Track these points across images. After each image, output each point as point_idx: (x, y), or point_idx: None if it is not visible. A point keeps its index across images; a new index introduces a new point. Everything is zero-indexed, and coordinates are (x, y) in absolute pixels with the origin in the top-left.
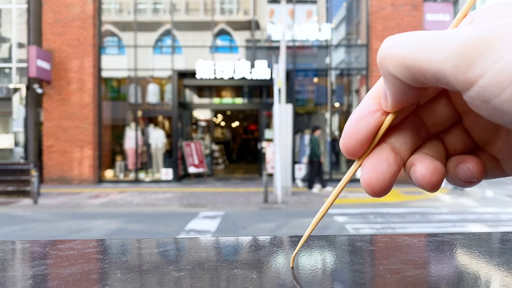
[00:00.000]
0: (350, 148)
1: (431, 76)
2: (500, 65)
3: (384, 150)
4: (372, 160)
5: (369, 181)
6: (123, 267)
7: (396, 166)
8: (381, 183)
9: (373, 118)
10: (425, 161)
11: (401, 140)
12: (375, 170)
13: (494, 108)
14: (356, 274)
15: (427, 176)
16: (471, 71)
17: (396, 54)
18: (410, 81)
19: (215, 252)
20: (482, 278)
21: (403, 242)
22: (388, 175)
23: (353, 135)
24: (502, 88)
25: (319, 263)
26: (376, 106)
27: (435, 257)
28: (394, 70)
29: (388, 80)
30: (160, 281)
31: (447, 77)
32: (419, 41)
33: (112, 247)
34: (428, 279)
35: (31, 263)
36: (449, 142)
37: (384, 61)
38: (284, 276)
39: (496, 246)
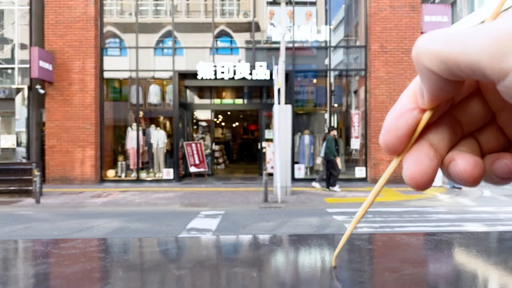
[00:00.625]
0: (391, 145)
1: (466, 67)
2: None
3: (423, 146)
4: (414, 155)
5: (413, 175)
6: (124, 266)
7: (437, 160)
8: (424, 176)
9: (411, 116)
10: (465, 156)
11: (438, 137)
12: (418, 164)
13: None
14: (355, 272)
15: (469, 170)
16: (507, 61)
17: (431, 49)
18: (446, 74)
19: (216, 251)
20: (479, 276)
21: (402, 241)
22: (431, 169)
23: (393, 132)
24: None
25: (318, 261)
26: (413, 104)
27: (433, 256)
28: (430, 65)
29: (424, 75)
30: (161, 279)
31: (483, 67)
32: (453, 34)
33: (113, 246)
34: (426, 278)
35: (34, 262)
36: (483, 141)
37: (420, 56)
38: (284, 274)
39: (494, 245)
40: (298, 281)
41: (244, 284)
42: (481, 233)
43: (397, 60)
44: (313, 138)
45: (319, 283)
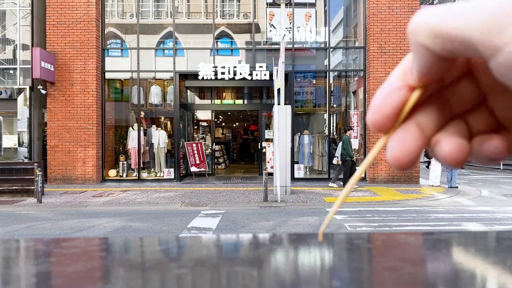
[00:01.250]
0: (379, 123)
1: (459, 42)
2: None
3: (410, 126)
4: (399, 135)
5: (396, 155)
6: (125, 265)
7: (422, 141)
8: (407, 157)
9: (399, 94)
10: (450, 138)
11: (426, 117)
12: (402, 145)
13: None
14: (354, 271)
15: (454, 153)
16: (499, 36)
17: (427, 22)
18: (439, 49)
19: (216, 250)
20: (478, 275)
21: (400, 240)
22: (415, 150)
23: (381, 109)
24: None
25: (317, 260)
26: (402, 82)
27: (431, 255)
28: (423, 38)
29: (417, 49)
30: (162, 278)
31: (475, 43)
32: (450, 9)
33: (115, 245)
34: (425, 277)
35: (35, 261)
36: (473, 122)
37: (416, 29)
38: (283, 273)
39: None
40: (297, 280)
41: (245, 283)
42: (480, 233)
43: (396, 61)
44: (312, 138)
45: (319, 282)
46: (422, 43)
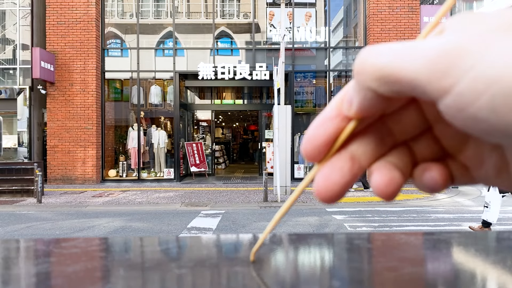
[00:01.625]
0: (310, 153)
1: (406, 84)
2: (474, 71)
3: (341, 159)
4: (326, 169)
5: (320, 190)
6: (125, 265)
7: (350, 176)
8: (329, 193)
9: (332, 124)
10: (382, 171)
11: (362, 148)
12: (326, 179)
13: (470, 116)
14: (354, 271)
15: (381, 186)
16: (446, 78)
17: (373, 63)
18: (385, 91)
19: (216, 250)
20: (478, 276)
21: (400, 240)
22: (339, 186)
23: (312, 140)
24: (477, 96)
25: (317, 260)
26: (336, 111)
27: (431, 255)
28: (370, 80)
29: (360, 89)
30: (162, 278)
31: (422, 85)
32: (396, 50)
33: (115, 245)
34: (425, 277)
35: (35, 261)
36: (418, 150)
37: (362, 70)
38: (283, 273)
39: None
40: (297, 280)
41: (245, 283)
42: (480, 233)
43: None
44: None
45: (319, 282)
46: (367, 84)
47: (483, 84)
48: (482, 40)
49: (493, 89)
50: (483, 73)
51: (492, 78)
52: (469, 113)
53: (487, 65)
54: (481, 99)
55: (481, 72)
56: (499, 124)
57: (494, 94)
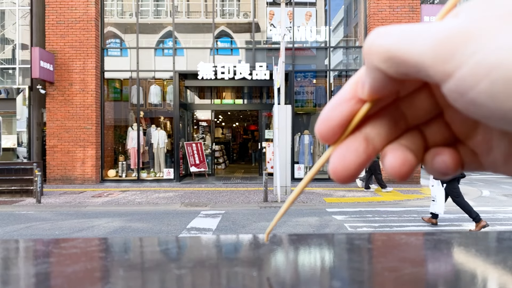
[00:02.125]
0: (324, 134)
1: (412, 67)
2: (477, 57)
3: (356, 140)
4: (342, 149)
5: (335, 169)
6: (125, 265)
7: (365, 156)
8: (346, 172)
9: (347, 106)
10: (396, 152)
11: (376, 130)
12: (342, 159)
13: (470, 100)
14: (354, 272)
15: (396, 167)
16: (450, 62)
17: (381, 44)
18: (392, 72)
19: (216, 250)
20: (479, 276)
21: (401, 240)
22: (355, 165)
23: (327, 121)
24: (478, 80)
25: (318, 260)
26: (351, 93)
27: (432, 255)
28: (377, 60)
29: (370, 69)
30: (162, 278)
31: (427, 68)
32: (404, 31)
33: (114, 246)
34: (426, 277)
35: (35, 261)
36: (429, 134)
37: (370, 50)
38: (284, 273)
39: (493, 244)
40: (298, 280)
41: (244, 283)
42: (480, 233)
43: None
44: (312, 138)
45: (319, 282)
46: (375, 64)
47: (484, 69)
48: (488, 26)
49: (493, 74)
50: (485, 59)
51: (492, 64)
52: (469, 97)
53: (489, 51)
54: (481, 84)
55: (483, 57)
56: (498, 110)
57: (493, 79)
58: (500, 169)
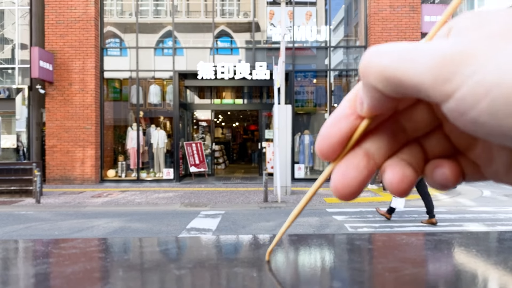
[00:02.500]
0: (324, 152)
1: (411, 87)
2: (476, 77)
3: (356, 156)
4: (343, 166)
5: (337, 186)
6: (124, 266)
7: (367, 172)
8: (347, 190)
9: (346, 122)
10: (395, 168)
11: (376, 145)
12: (343, 176)
13: (470, 120)
14: (354, 272)
15: (394, 183)
16: (449, 83)
17: (378, 64)
18: (390, 92)
19: (216, 251)
20: (479, 276)
21: (401, 240)
22: (356, 182)
23: (327, 139)
24: (478, 100)
25: (318, 261)
26: (351, 109)
27: (433, 256)
28: (375, 81)
29: (367, 89)
30: (162, 279)
31: (426, 89)
32: (400, 51)
33: (114, 246)
34: (426, 277)
35: (34, 261)
36: (429, 147)
37: (367, 70)
38: (284, 274)
39: (494, 245)
40: (298, 281)
41: (244, 283)
42: (481, 233)
43: None
44: (313, 138)
45: (319, 283)
46: (373, 84)
47: (484, 89)
48: (486, 45)
49: (493, 93)
50: (484, 78)
51: (492, 83)
52: (470, 117)
53: (488, 70)
54: (481, 104)
55: (482, 77)
56: (499, 128)
57: (494, 98)
58: (502, 180)
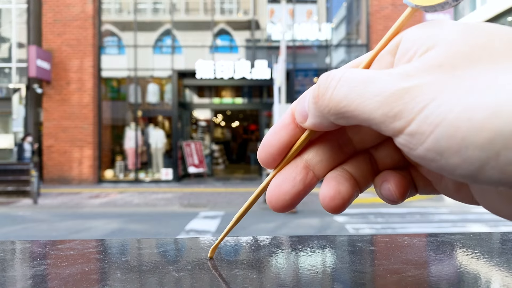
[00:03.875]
0: (264, 160)
1: (363, 121)
2: (423, 114)
3: (295, 167)
4: (279, 178)
5: (270, 199)
6: (123, 267)
7: (302, 186)
8: (280, 203)
9: (286, 132)
10: (330, 183)
11: (318, 157)
12: (278, 189)
13: (420, 155)
14: (356, 274)
15: (326, 199)
16: (398, 120)
17: (330, 98)
18: (341, 123)
19: (215, 252)
20: (482, 278)
21: (403, 242)
22: (290, 196)
23: (267, 148)
24: (425, 137)
25: (319, 263)
26: (291, 118)
27: (435, 257)
28: (328, 114)
29: (318, 115)
30: (160, 281)
31: (378, 124)
32: (352, 84)
33: (112, 247)
34: (429, 279)
35: (31, 263)
36: (379, 158)
37: (319, 102)
38: (284, 276)
39: (496, 246)
40: (299, 283)
41: (244, 286)
42: (484, 234)
43: None
44: None
45: (320, 285)
46: (325, 116)
47: (429, 127)
48: (432, 81)
49: (436, 132)
50: (429, 116)
51: (436, 121)
52: (418, 153)
53: (434, 107)
54: (427, 141)
55: (427, 114)
56: (446, 166)
57: (437, 137)
58: (453, 196)
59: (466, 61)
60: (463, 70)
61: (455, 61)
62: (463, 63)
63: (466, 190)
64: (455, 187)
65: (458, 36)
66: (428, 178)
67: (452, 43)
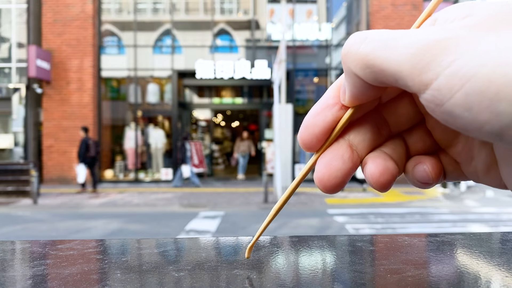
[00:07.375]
0: (307, 142)
1: (390, 76)
2: (452, 67)
3: (341, 147)
4: (327, 157)
5: (321, 177)
6: (122, 267)
7: (351, 164)
8: (333, 181)
9: (331, 112)
10: (377, 160)
11: (360, 137)
12: (328, 167)
13: (446, 112)
14: (356, 274)
15: (376, 176)
16: (426, 73)
17: (358, 52)
18: (370, 79)
19: (215, 252)
20: (482, 278)
21: (404, 242)
22: (341, 173)
23: (310, 128)
24: (454, 91)
25: (319, 263)
26: (334, 99)
27: (435, 257)
28: (355, 68)
29: (348, 76)
30: (160, 281)
31: (404, 78)
32: (382, 39)
33: (111, 247)
34: (429, 279)
35: (31, 263)
36: (411, 142)
37: (347, 57)
38: (284, 276)
39: (497, 246)
40: (299, 283)
41: (244, 286)
42: (484, 234)
43: None
44: None
45: (320, 285)
46: (353, 71)
47: (459, 81)
48: (466, 34)
49: (467, 86)
50: (460, 70)
51: (467, 76)
52: (445, 108)
53: (464, 62)
54: (456, 96)
55: (458, 68)
56: (474, 122)
57: (468, 92)
58: (481, 179)
59: (504, 23)
60: (500, 30)
61: (493, 22)
62: (501, 25)
63: (495, 172)
64: (485, 168)
65: (494, 5)
66: (458, 161)
67: (489, 9)
